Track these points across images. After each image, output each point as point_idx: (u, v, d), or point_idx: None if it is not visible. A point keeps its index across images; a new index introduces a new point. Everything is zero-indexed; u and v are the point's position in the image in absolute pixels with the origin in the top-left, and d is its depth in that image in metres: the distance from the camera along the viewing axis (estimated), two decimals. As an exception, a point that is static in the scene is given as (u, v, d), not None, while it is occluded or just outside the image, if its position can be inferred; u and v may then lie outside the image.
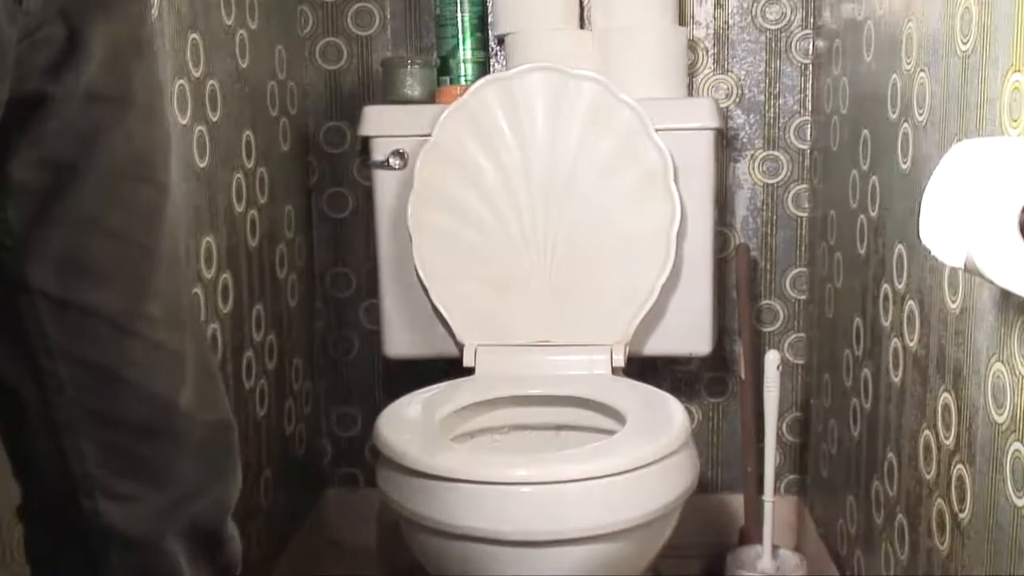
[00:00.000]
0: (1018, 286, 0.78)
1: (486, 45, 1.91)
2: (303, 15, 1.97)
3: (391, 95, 1.86)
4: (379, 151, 1.79)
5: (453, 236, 1.74)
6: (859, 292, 1.55)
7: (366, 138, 1.81)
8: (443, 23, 1.87)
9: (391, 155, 1.78)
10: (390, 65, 1.86)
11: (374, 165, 1.79)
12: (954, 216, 0.80)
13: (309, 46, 1.98)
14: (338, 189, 2.03)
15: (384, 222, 1.80)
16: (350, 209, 2.03)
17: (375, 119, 1.80)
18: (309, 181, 2.03)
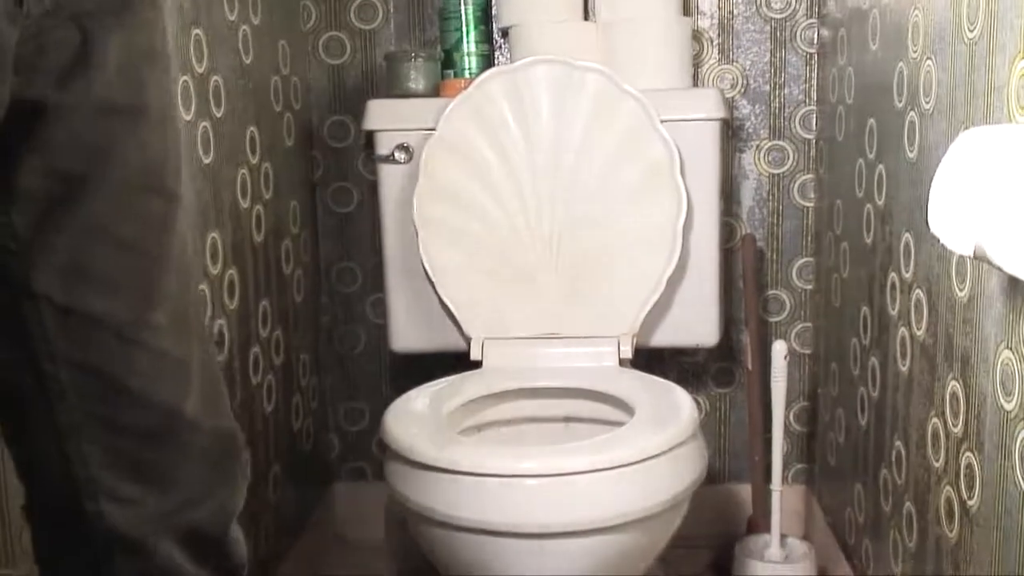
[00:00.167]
0: (1027, 273, 0.78)
1: (490, 38, 1.90)
2: (306, 10, 1.97)
3: (395, 89, 1.86)
4: (384, 145, 1.78)
5: (459, 229, 1.73)
6: (866, 281, 1.55)
7: (370, 132, 1.81)
8: (447, 16, 1.87)
9: (396, 149, 1.77)
10: (394, 59, 1.86)
11: (379, 159, 1.79)
12: (963, 204, 0.80)
13: (312, 41, 1.98)
14: (343, 184, 2.03)
15: (389, 216, 1.80)
16: (355, 203, 2.03)
17: (379, 113, 1.79)
18: (314, 176, 2.03)
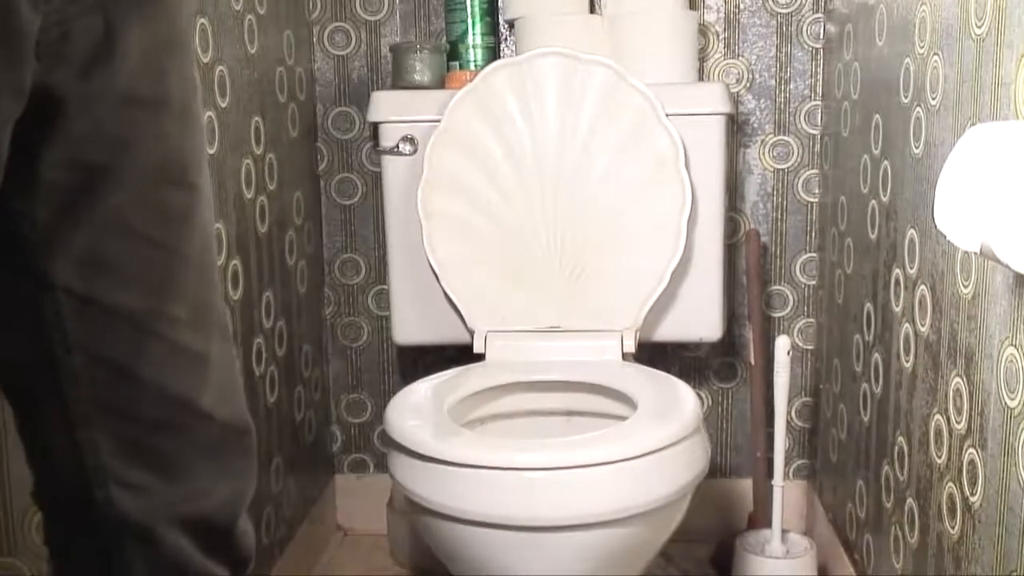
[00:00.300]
0: (1034, 271, 0.78)
1: (496, 30, 1.90)
2: (311, 0, 1.97)
3: (400, 80, 1.85)
4: (388, 137, 1.78)
5: (463, 222, 1.73)
6: (870, 277, 1.55)
7: (375, 124, 1.81)
8: (452, 8, 1.87)
9: (401, 141, 1.77)
10: (399, 50, 1.86)
11: (383, 151, 1.79)
12: (970, 201, 0.80)
13: (318, 31, 1.98)
14: (347, 175, 2.03)
15: (393, 208, 1.80)
16: (359, 195, 2.03)
17: (384, 105, 1.79)
18: (318, 167, 2.02)
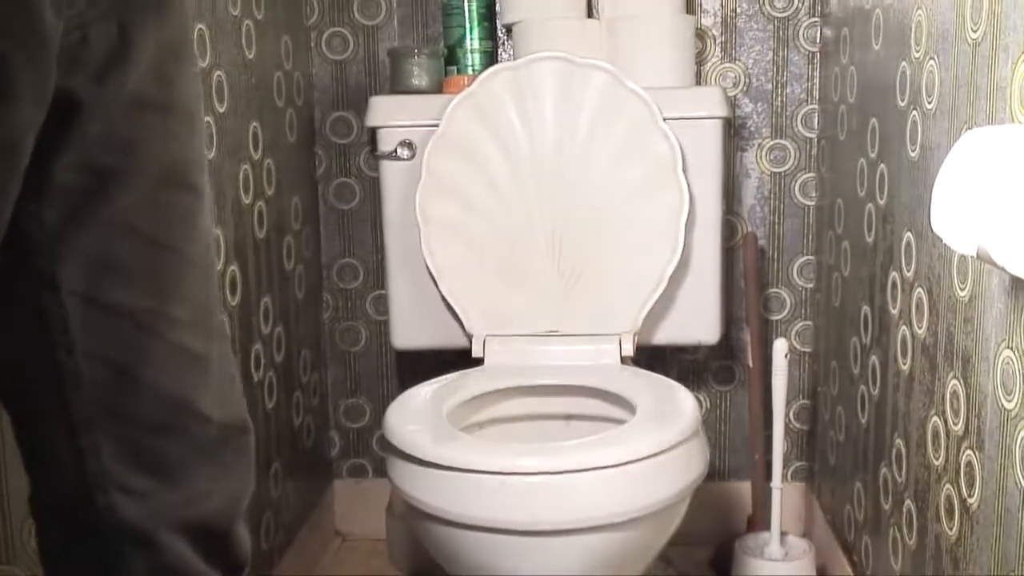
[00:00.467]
0: (1030, 273, 0.78)
1: (493, 34, 1.90)
2: (309, 5, 1.97)
3: (398, 85, 1.86)
4: (386, 142, 1.79)
5: (462, 226, 1.74)
6: (867, 280, 1.55)
7: (373, 129, 1.81)
8: (450, 12, 1.87)
9: (399, 145, 1.77)
10: (397, 55, 1.86)
11: (382, 156, 1.79)
12: (966, 205, 0.80)
13: (315, 36, 1.98)
14: (345, 180, 2.03)
15: (391, 213, 1.80)
16: (357, 200, 2.04)
17: (382, 109, 1.79)
18: (316, 172, 2.03)
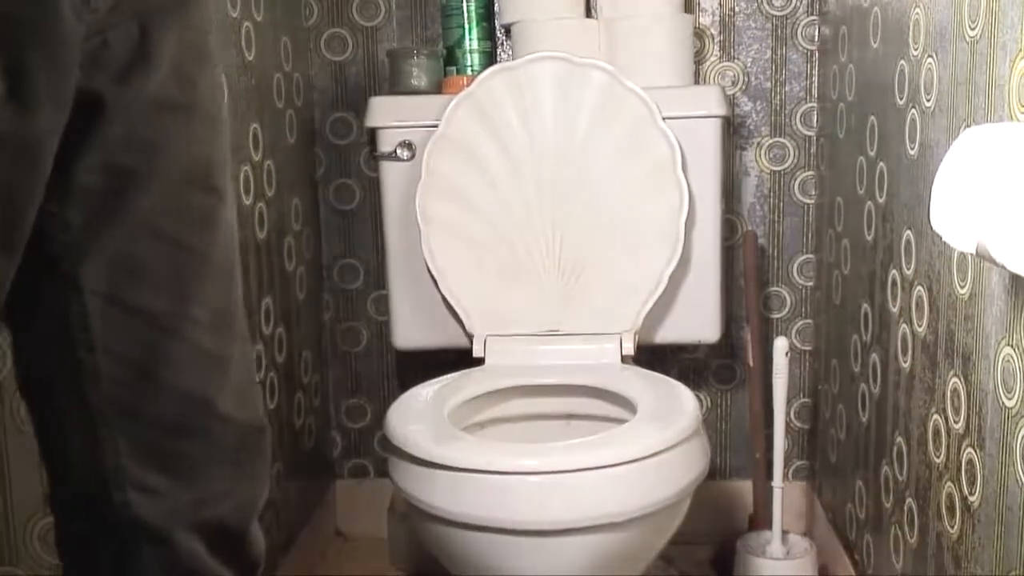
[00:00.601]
0: (1029, 271, 0.78)
1: (492, 35, 1.91)
2: (308, 6, 1.97)
3: (397, 86, 1.86)
4: (386, 142, 1.79)
5: (462, 226, 1.74)
6: (867, 278, 1.56)
7: (373, 129, 1.81)
8: (449, 13, 1.87)
9: (399, 146, 1.78)
10: (396, 56, 1.86)
11: (382, 156, 1.80)
12: (965, 202, 0.81)
13: (314, 37, 1.99)
14: (345, 181, 2.03)
15: (392, 213, 1.80)
16: (357, 201, 2.04)
17: (382, 110, 1.80)
18: (316, 173, 2.03)
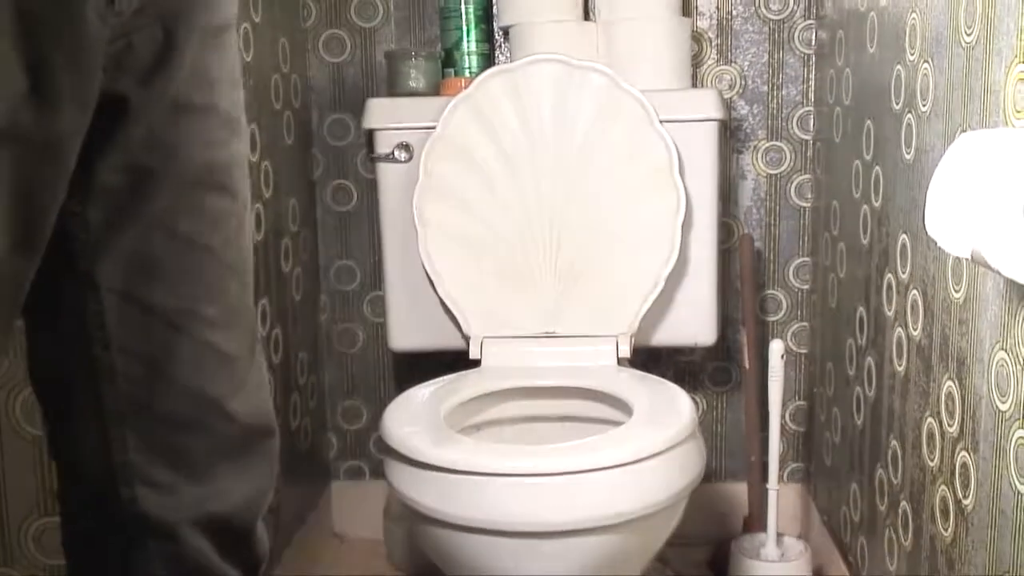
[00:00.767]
0: None
1: (491, 37, 1.91)
2: (306, 7, 1.97)
3: (395, 87, 1.86)
4: (384, 144, 1.79)
5: (459, 228, 1.74)
6: (862, 281, 1.56)
7: (370, 131, 1.81)
8: (447, 15, 1.88)
9: (396, 148, 1.78)
10: (394, 57, 1.86)
11: (379, 158, 1.80)
12: (960, 207, 0.81)
13: (312, 38, 1.99)
14: (342, 182, 2.03)
15: (389, 215, 1.81)
16: (355, 202, 2.04)
17: (379, 112, 1.80)
18: (313, 174, 2.03)
